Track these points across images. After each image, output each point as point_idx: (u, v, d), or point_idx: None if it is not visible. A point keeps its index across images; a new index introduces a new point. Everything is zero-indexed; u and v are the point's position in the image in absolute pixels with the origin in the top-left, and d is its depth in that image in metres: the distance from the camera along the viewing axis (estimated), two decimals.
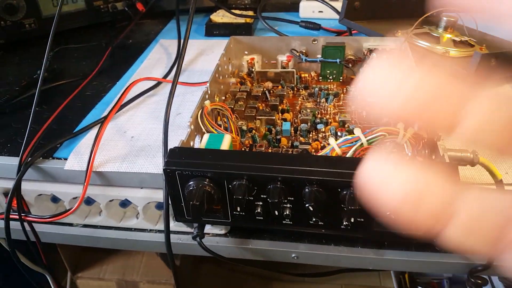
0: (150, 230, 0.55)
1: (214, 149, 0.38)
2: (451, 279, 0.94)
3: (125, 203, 0.54)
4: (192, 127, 0.42)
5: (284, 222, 0.38)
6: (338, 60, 0.55)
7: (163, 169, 0.35)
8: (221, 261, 0.53)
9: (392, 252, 0.50)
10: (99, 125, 0.52)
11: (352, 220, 0.33)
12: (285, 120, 0.51)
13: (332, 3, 0.76)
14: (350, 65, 0.56)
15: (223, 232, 0.52)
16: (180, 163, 0.35)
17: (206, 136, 0.41)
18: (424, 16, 0.56)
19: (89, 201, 0.55)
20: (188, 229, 0.52)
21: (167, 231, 0.44)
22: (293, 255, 0.52)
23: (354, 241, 0.51)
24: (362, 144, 0.37)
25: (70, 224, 0.57)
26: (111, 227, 0.56)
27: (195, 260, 1.14)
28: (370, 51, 0.55)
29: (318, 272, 0.98)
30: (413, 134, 0.37)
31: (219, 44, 0.58)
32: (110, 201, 0.53)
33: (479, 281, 0.48)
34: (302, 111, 0.51)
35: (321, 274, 0.97)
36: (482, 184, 0.41)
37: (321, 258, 0.52)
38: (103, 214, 0.54)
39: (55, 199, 0.57)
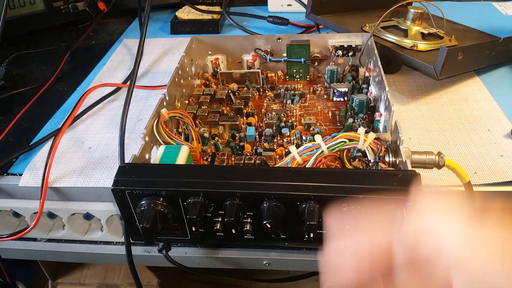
0: (116, 243, 0.53)
1: (167, 164, 0.36)
2: None
3: (89, 216, 0.52)
4: (147, 138, 0.39)
5: (245, 237, 0.36)
6: (302, 60, 0.53)
7: (111, 189, 0.33)
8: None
9: None
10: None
11: (312, 234, 0.31)
12: (249, 124, 0.49)
13: None
14: (316, 64, 0.54)
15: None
16: (130, 181, 0.33)
17: (161, 149, 0.38)
18: (389, 10, 0.54)
19: (52, 215, 0.53)
20: None
21: (128, 245, 0.42)
22: (264, 262, 0.50)
23: None
24: (323, 151, 0.36)
25: (34, 239, 0.55)
26: (76, 241, 0.54)
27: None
28: (336, 48, 0.53)
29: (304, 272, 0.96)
30: (374, 139, 0.35)
31: (185, 42, 0.55)
32: (72, 214, 0.51)
33: None
34: (267, 114, 0.49)
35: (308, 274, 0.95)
36: (450, 186, 0.40)
37: (293, 264, 0.50)
38: (66, 228, 0.52)
39: (16, 214, 0.55)
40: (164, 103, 0.44)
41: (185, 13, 0.78)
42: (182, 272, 1.12)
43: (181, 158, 0.37)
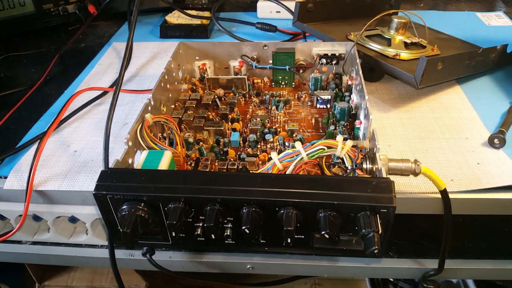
0: (101, 246, 0.53)
1: (149, 169, 0.37)
2: None
3: (74, 219, 0.52)
4: (130, 143, 0.40)
5: (226, 242, 0.37)
6: (287, 67, 0.54)
7: (93, 194, 0.33)
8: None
9: (346, 259, 0.50)
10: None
11: (289, 240, 0.32)
12: (234, 130, 0.49)
13: (288, 4, 0.74)
14: (301, 71, 0.55)
15: None
16: (111, 186, 0.33)
17: (144, 154, 0.39)
18: (373, 19, 0.55)
19: (37, 217, 0.53)
20: None
21: (111, 249, 0.43)
22: (248, 266, 0.51)
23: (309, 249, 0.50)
24: (302, 158, 0.37)
25: (19, 242, 0.55)
26: (61, 244, 0.54)
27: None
28: (320, 56, 0.54)
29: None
30: (351, 146, 0.36)
31: (175, 46, 0.56)
32: (58, 217, 0.51)
33: (431, 286, 0.48)
34: (252, 120, 0.50)
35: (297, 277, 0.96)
36: (427, 193, 0.41)
37: (277, 268, 0.51)
38: (52, 231, 0.52)
39: (1, 216, 0.55)
40: (149, 108, 0.45)
41: (175, 17, 0.78)
42: (171, 276, 1.12)
43: (164, 163, 0.38)
